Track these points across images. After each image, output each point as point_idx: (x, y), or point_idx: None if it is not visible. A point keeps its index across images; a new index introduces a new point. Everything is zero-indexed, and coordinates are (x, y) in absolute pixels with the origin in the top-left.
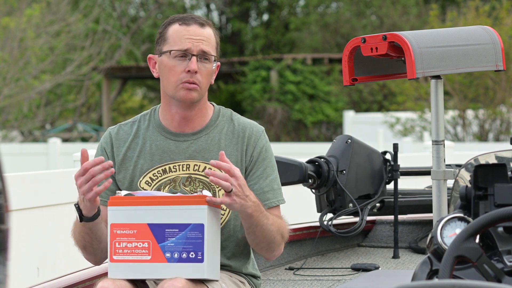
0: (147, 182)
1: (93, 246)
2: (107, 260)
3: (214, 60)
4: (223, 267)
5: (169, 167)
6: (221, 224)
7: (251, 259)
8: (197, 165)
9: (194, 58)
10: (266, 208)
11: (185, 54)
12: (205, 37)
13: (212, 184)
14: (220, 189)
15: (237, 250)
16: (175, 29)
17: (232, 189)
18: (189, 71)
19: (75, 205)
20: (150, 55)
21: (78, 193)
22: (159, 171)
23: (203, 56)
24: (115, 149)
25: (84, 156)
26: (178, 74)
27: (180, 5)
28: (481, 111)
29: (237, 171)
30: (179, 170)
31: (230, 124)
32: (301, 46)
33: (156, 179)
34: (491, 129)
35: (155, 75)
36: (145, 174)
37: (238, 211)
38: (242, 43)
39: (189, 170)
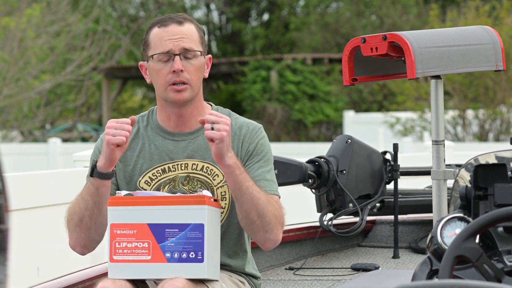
0: (146, 182)
1: (92, 218)
2: (107, 260)
3: (202, 54)
4: (223, 266)
5: (168, 167)
6: (220, 221)
7: (251, 258)
8: (195, 164)
9: (177, 58)
10: None
11: (168, 56)
12: (185, 34)
13: (210, 182)
14: (218, 188)
15: (236, 247)
16: (155, 33)
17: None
18: (174, 71)
19: (92, 159)
20: (140, 63)
21: (103, 140)
22: (158, 170)
23: (186, 53)
24: None
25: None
26: (165, 76)
27: (180, 5)
28: (481, 111)
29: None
30: (178, 170)
31: None
32: (301, 46)
33: (155, 178)
34: (491, 129)
35: (148, 81)
36: (144, 173)
37: (220, 165)
38: (242, 43)
39: (187, 169)
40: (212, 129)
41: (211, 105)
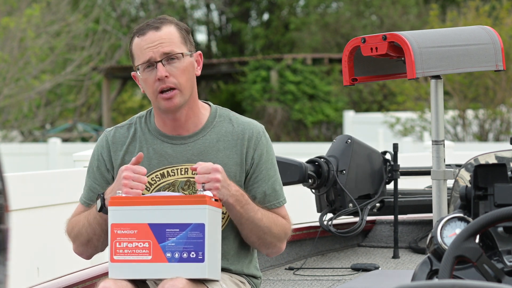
0: (145, 187)
1: (100, 240)
2: (108, 260)
3: (186, 55)
4: (223, 270)
5: (167, 171)
6: (222, 226)
7: (254, 259)
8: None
9: (159, 65)
10: (270, 209)
11: (150, 64)
12: (163, 39)
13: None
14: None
15: (238, 253)
16: (135, 44)
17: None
18: (159, 79)
19: (100, 194)
20: (132, 73)
21: (116, 183)
22: (157, 175)
23: (168, 57)
24: (112, 153)
25: (139, 159)
26: (152, 85)
27: (180, 5)
28: (481, 111)
29: (216, 165)
30: (178, 174)
31: (229, 124)
32: (301, 46)
33: (154, 183)
34: (491, 129)
35: (142, 91)
36: None
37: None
38: (242, 43)
39: (187, 174)
40: (203, 187)
41: (209, 105)
